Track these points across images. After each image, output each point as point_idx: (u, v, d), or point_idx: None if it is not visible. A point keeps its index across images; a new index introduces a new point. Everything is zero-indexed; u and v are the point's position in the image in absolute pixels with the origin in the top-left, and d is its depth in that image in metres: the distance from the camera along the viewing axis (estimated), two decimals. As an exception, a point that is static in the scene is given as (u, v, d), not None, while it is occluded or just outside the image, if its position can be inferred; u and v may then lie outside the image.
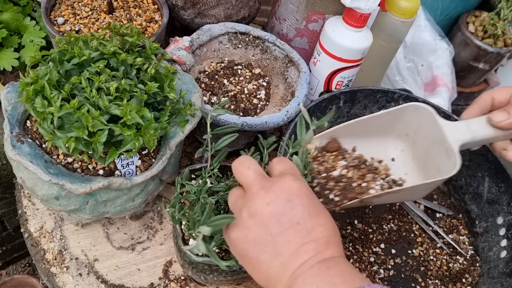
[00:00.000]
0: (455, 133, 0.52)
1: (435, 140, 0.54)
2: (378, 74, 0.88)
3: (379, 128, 0.58)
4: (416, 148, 0.58)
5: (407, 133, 0.58)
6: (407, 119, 0.57)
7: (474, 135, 0.52)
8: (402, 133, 0.59)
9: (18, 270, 1.21)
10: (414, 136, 0.58)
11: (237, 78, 0.75)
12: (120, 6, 0.72)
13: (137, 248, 0.63)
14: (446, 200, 0.77)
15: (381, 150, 0.58)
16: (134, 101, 0.49)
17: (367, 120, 0.56)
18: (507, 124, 0.51)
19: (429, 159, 0.56)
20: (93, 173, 0.53)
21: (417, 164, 0.58)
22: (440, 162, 0.53)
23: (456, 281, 0.66)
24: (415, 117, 0.56)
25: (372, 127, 0.57)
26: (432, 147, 0.55)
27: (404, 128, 0.58)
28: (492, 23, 1.11)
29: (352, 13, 0.67)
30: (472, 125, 0.53)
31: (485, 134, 0.52)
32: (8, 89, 0.53)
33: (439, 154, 0.54)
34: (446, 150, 0.52)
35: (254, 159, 0.44)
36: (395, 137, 0.59)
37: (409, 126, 0.57)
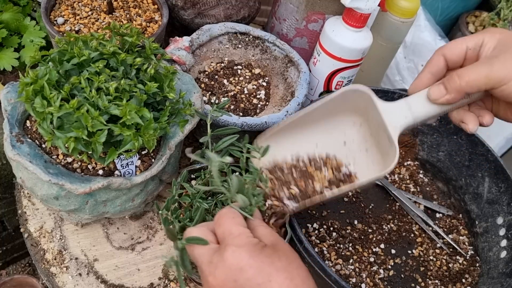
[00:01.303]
0: (395, 118, 0.47)
1: (379, 125, 0.49)
2: (378, 74, 0.88)
3: (327, 113, 0.54)
4: (371, 125, 0.53)
5: (359, 110, 0.53)
6: (353, 101, 0.52)
7: (415, 116, 0.47)
8: (355, 109, 0.54)
9: (18, 270, 1.21)
10: (366, 113, 0.53)
11: (237, 78, 0.75)
12: (120, 6, 0.72)
13: (137, 248, 0.63)
14: (446, 200, 0.77)
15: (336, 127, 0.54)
16: (134, 101, 0.49)
17: (312, 112, 0.52)
18: (445, 100, 0.44)
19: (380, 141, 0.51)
20: (92, 173, 0.53)
21: (374, 141, 0.53)
22: (386, 146, 0.49)
23: (456, 281, 0.66)
24: (360, 99, 0.51)
25: (318, 116, 0.54)
26: (379, 130, 0.51)
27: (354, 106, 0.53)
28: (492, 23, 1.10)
29: (352, 13, 0.67)
30: (413, 105, 0.47)
31: (427, 113, 0.46)
32: (8, 89, 0.53)
33: (384, 139, 0.49)
34: (388, 137, 0.48)
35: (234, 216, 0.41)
36: (350, 112, 0.54)
37: (357, 106, 0.52)
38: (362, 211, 0.71)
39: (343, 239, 0.66)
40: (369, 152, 0.53)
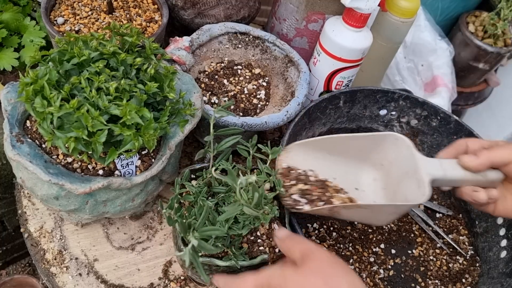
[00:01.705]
0: (428, 167, 0.55)
1: (409, 172, 0.56)
2: (378, 74, 0.88)
3: (356, 151, 0.60)
4: (389, 178, 0.60)
5: (382, 163, 0.60)
6: (385, 148, 0.59)
7: (445, 173, 0.55)
8: (377, 162, 0.61)
9: (18, 270, 1.21)
10: (388, 166, 0.60)
11: (237, 78, 0.75)
12: (120, 6, 0.72)
13: (137, 248, 0.63)
14: (446, 200, 0.77)
15: (352, 174, 0.61)
16: (134, 101, 0.49)
17: (346, 139, 0.59)
18: (475, 164, 0.54)
19: (399, 189, 0.58)
20: (92, 173, 0.53)
21: (386, 194, 0.60)
22: (409, 192, 0.56)
23: (456, 281, 0.66)
24: (393, 147, 0.58)
25: (350, 147, 0.60)
26: (405, 178, 0.57)
27: (380, 157, 0.60)
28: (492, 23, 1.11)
29: (352, 13, 0.67)
30: (444, 164, 0.56)
31: (455, 174, 0.55)
32: (8, 89, 0.53)
33: (410, 185, 0.56)
34: (417, 181, 0.55)
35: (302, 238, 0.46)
36: (369, 165, 0.61)
37: (385, 156, 0.60)
38: (362, 211, 0.71)
39: (343, 239, 0.66)
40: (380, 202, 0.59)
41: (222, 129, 0.54)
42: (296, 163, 0.58)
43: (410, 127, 0.77)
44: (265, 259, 0.50)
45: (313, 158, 0.59)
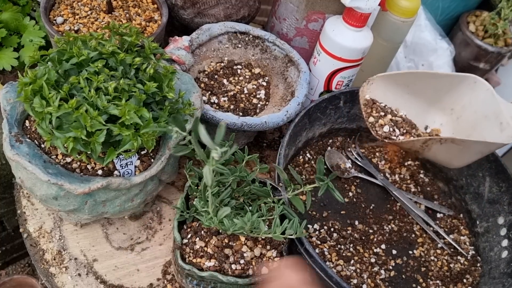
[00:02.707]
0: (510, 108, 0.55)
1: (488, 115, 0.57)
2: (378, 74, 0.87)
3: (431, 91, 0.60)
4: (459, 124, 0.60)
5: (453, 107, 0.61)
6: (460, 92, 0.59)
7: None
8: (447, 106, 0.61)
9: (18, 270, 1.20)
10: (460, 111, 0.60)
11: (237, 77, 0.74)
12: (120, 5, 0.71)
13: (136, 249, 0.63)
14: (447, 200, 0.77)
15: (420, 117, 0.61)
16: (133, 101, 0.49)
17: (427, 75, 0.59)
18: None
19: (474, 133, 0.58)
20: (92, 173, 0.52)
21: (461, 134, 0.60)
22: (489, 135, 0.56)
23: (457, 282, 0.66)
24: (469, 91, 0.58)
25: (427, 86, 0.60)
26: (483, 122, 0.57)
27: (452, 101, 0.60)
28: (492, 23, 1.10)
29: (352, 12, 0.67)
30: None
31: None
32: (7, 89, 0.53)
33: (490, 128, 0.56)
34: (501, 124, 0.55)
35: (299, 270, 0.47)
36: (438, 109, 0.62)
37: (458, 100, 0.60)
38: (362, 211, 0.71)
39: (344, 240, 0.66)
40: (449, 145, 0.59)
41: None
42: (377, 96, 0.59)
43: None
44: None
45: (392, 93, 0.60)
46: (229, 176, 0.52)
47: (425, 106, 0.62)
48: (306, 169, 0.73)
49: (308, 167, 0.73)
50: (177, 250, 0.51)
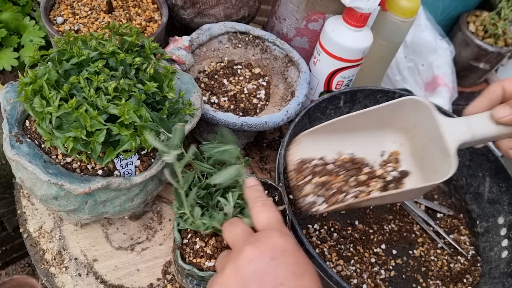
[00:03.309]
0: (454, 132, 0.48)
1: (433, 138, 0.50)
2: (378, 74, 0.87)
3: (375, 122, 0.54)
4: (415, 144, 0.54)
5: (406, 127, 0.54)
6: (405, 113, 0.52)
7: (474, 133, 0.48)
8: (400, 126, 0.54)
9: (18, 270, 1.20)
10: (413, 131, 0.54)
11: (237, 77, 0.74)
12: (120, 5, 0.71)
13: (137, 249, 0.63)
14: (447, 200, 0.77)
15: (378, 144, 0.55)
16: (133, 101, 0.49)
17: (359, 116, 0.52)
18: (509, 120, 0.45)
19: (426, 157, 0.52)
20: (92, 173, 0.52)
21: (415, 161, 0.54)
22: (437, 162, 0.50)
23: (457, 282, 0.66)
24: (414, 111, 0.52)
25: (367, 121, 0.54)
26: (430, 145, 0.51)
27: (402, 121, 0.54)
28: (492, 23, 1.10)
29: (352, 12, 0.67)
30: (473, 123, 0.48)
31: (486, 132, 0.48)
32: (7, 89, 0.53)
33: (436, 153, 0.50)
34: (442, 150, 0.48)
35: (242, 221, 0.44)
36: (393, 131, 0.55)
37: (407, 120, 0.53)
38: (363, 211, 0.71)
39: (344, 240, 0.66)
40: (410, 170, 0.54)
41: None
42: (309, 153, 0.53)
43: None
44: None
45: (327, 143, 0.54)
46: None
47: (376, 132, 0.55)
48: (306, 169, 0.73)
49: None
50: (177, 250, 0.51)
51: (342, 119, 0.53)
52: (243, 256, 0.38)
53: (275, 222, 0.41)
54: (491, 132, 0.48)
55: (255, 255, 0.38)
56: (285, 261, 0.37)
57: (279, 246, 0.38)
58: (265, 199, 0.44)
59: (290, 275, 0.37)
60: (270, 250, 0.38)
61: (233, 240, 0.42)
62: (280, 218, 0.43)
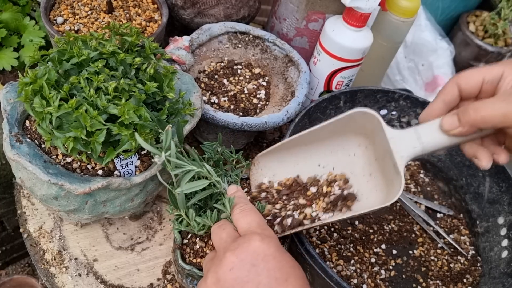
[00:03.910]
0: (403, 147, 0.45)
1: (387, 151, 0.47)
2: (378, 74, 0.87)
3: (333, 134, 0.52)
4: (376, 149, 0.51)
5: (366, 133, 0.51)
6: (360, 123, 0.50)
7: (425, 147, 0.44)
8: (361, 131, 0.52)
9: (18, 270, 1.20)
10: (372, 137, 0.51)
11: (237, 77, 0.74)
12: (120, 5, 0.71)
13: (137, 249, 0.63)
14: (447, 200, 0.77)
15: (341, 148, 0.53)
16: (133, 100, 0.49)
17: (315, 131, 0.51)
18: (458, 132, 0.42)
19: (386, 167, 0.49)
20: (92, 173, 0.52)
21: (379, 166, 0.51)
22: (391, 174, 0.47)
23: (457, 281, 0.66)
24: (367, 122, 0.49)
25: (324, 135, 0.52)
26: (385, 157, 0.48)
27: (360, 128, 0.51)
28: (492, 23, 1.10)
29: (352, 12, 0.67)
30: (423, 134, 0.45)
31: (438, 143, 0.44)
32: (7, 89, 0.53)
33: (389, 167, 0.47)
34: (393, 165, 0.46)
35: (231, 224, 0.43)
36: (356, 134, 0.52)
37: (364, 128, 0.51)
38: (362, 211, 0.70)
39: (344, 240, 0.66)
40: (372, 177, 0.51)
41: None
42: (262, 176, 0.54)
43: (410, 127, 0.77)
44: None
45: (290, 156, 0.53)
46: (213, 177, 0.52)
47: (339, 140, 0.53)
48: (306, 169, 0.73)
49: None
50: (178, 250, 0.51)
51: (293, 139, 0.52)
52: (224, 264, 0.37)
53: (256, 226, 0.41)
54: (441, 143, 0.44)
55: (235, 262, 0.37)
56: (267, 267, 0.37)
57: (260, 251, 0.37)
58: (244, 203, 0.44)
59: (273, 281, 0.36)
60: (251, 256, 0.37)
61: (218, 244, 0.41)
62: (261, 220, 0.42)
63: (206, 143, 0.55)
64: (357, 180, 0.52)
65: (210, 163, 0.55)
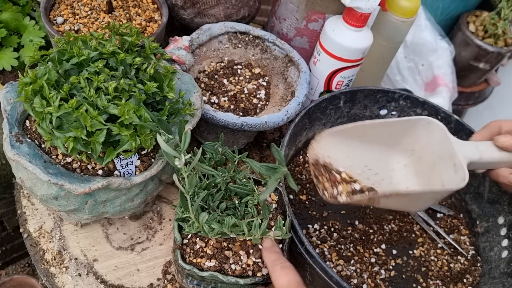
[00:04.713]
0: (465, 150, 0.55)
1: (444, 156, 0.56)
2: (378, 74, 0.88)
3: (386, 137, 0.59)
4: (421, 163, 0.59)
5: (413, 148, 0.59)
6: (416, 133, 0.58)
7: (482, 155, 0.55)
8: (408, 148, 0.60)
9: (18, 270, 1.20)
10: (420, 151, 0.59)
11: (237, 77, 0.74)
12: (120, 5, 0.71)
13: (137, 249, 0.63)
14: (447, 200, 0.77)
15: (383, 161, 0.60)
16: (133, 101, 0.49)
17: (377, 125, 0.58)
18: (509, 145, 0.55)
19: (433, 174, 0.57)
20: (92, 173, 0.52)
21: (419, 180, 0.59)
22: (446, 177, 0.55)
23: (457, 281, 0.66)
24: (425, 132, 0.57)
25: (380, 134, 0.59)
26: (439, 162, 0.56)
27: (411, 142, 0.59)
28: (492, 23, 1.10)
29: (352, 12, 0.67)
30: (480, 146, 0.56)
31: (491, 155, 0.56)
32: (7, 89, 0.53)
33: (446, 170, 0.55)
34: (454, 165, 0.54)
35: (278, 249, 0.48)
36: (399, 151, 0.60)
37: (416, 141, 0.59)
38: (363, 211, 0.71)
39: (344, 240, 0.66)
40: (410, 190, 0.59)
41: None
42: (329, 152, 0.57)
43: None
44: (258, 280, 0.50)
45: (346, 146, 0.58)
46: (218, 178, 0.52)
47: (385, 150, 0.60)
48: (306, 169, 0.73)
49: (308, 167, 0.73)
50: (178, 250, 0.51)
51: (360, 125, 0.58)
52: None
53: (296, 286, 0.44)
54: (494, 156, 0.56)
55: None
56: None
57: None
58: (284, 261, 0.47)
59: None
60: None
61: None
62: (300, 280, 0.45)
63: (207, 143, 0.55)
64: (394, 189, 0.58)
65: (211, 163, 0.55)
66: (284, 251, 0.53)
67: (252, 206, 0.52)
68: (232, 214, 0.53)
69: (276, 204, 0.57)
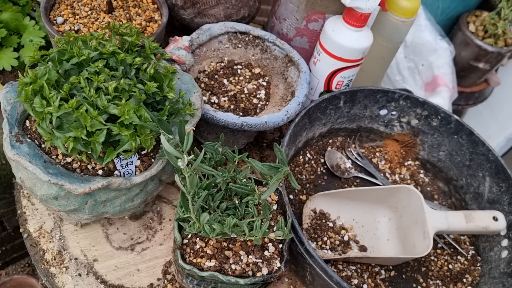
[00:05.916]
0: (434, 221, 0.62)
1: (417, 221, 0.64)
2: (378, 74, 0.88)
3: (373, 197, 0.68)
4: (402, 221, 0.67)
5: (397, 206, 0.67)
6: (399, 196, 0.66)
7: (449, 226, 0.63)
8: (392, 205, 0.68)
9: (18, 270, 1.20)
10: (402, 211, 0.67)
11: (237, 77, 0.74)
12: (120, 5, 0.71)
13: (137, 249, 0.63)
14: (447, 200, 0.77)
15: (370, 213, 0.68)
16: (133, 101, 0.49)
17: (364, 191, 0.68)
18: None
19: (409, 234, 0.65)
20: (92, 173, 0.52)
21: (398, 234, 0.67)
22: (417, 240, 0.63)
23: (457, 281, 0.66)
24: (406, 196, 0.66)
25: (367, 195, 0.68)
26: (414, 226, 0.64)
27: (395, 202, 0.67)
28: (492, 23, 1.10)
29: (353, 12, 0.67)
30: (450, 217, 0.64)
31: (458, 226, 0.64)
32: (7, 89, 0.53)
33: (417, 234, 0.63)
34: (423, 232, 0.62)
35: None
36: (386, 206, 0.68)
37: (399, 202, 0.67)
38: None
39: (344, 239, 0.66)
40: (390, 242, 0.67)
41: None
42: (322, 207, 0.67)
43: (410, 127, 0.77)
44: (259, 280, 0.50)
45: (336, 203, 0.67)
46: (219, 178, 0.52)
47: (373, 206, 0.68)
48: (306, 169, 0.73)
49: (308, 167, 0.73)
50: (178, 250, 0.51)
51: (349, 191, 0.68)
52: None
53: None
54: (461, 226, 0.64)
55: None
56: None
57: None
58: None
59: None
60: None
61: None
62: None
63: (208, 143, 0.55)
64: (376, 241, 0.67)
65: (211, 163, 0.55)
66: (284, 251, 0.53)
67: (252, 206, 0.52)
68: (232, 214, 0.53)
69: (276, 204, 0.57)
